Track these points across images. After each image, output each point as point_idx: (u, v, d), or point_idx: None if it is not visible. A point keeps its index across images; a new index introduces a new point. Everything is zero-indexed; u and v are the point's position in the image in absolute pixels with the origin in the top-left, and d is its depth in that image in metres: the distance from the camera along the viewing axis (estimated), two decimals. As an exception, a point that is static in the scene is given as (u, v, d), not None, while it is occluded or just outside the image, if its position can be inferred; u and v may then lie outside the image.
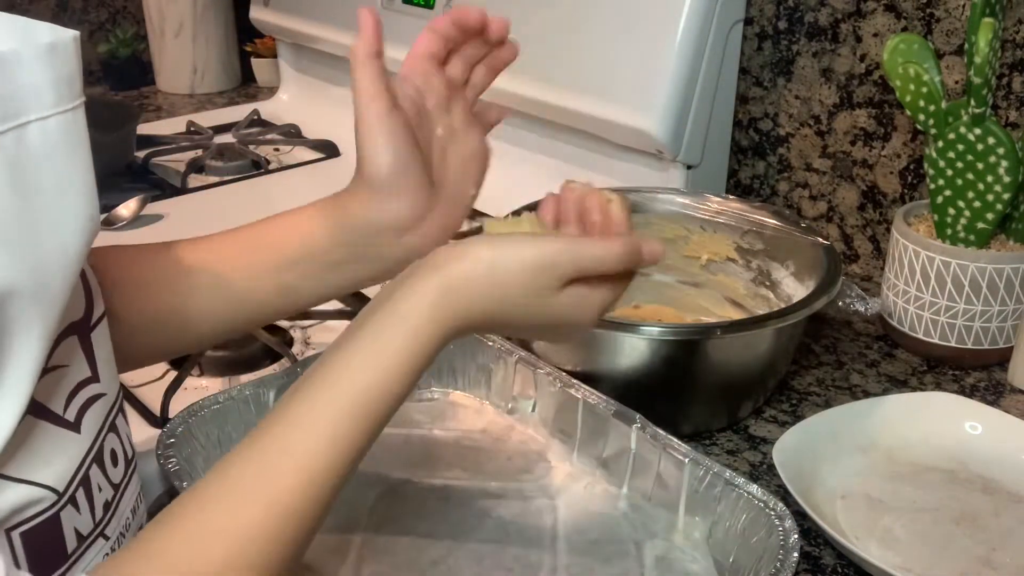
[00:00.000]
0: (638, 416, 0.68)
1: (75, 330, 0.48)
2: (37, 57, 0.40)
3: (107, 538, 0.49)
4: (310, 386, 0.48)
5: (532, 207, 0.65)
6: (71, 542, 0.46)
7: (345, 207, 0.60)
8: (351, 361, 0.48)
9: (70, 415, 0.46)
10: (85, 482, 0.47)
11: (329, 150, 1.40)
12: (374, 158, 0.58)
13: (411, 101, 0.60)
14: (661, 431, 0.67)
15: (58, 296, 0.41)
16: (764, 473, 0.73)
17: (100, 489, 0.48)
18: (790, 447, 0.70)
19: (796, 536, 0.58)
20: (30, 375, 0.40)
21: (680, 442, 0.66)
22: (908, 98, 0.83)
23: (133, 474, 0.53)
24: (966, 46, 0.78)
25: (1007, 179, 0.80)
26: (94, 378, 0.49)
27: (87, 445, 0.47)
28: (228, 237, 0.63)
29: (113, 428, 0.51)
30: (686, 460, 0.65)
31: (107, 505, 0.49)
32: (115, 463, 0.51)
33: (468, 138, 0.63)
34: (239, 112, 1.56)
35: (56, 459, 0.45)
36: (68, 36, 0.42)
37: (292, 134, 1.46)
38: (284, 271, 0.61)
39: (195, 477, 0.64)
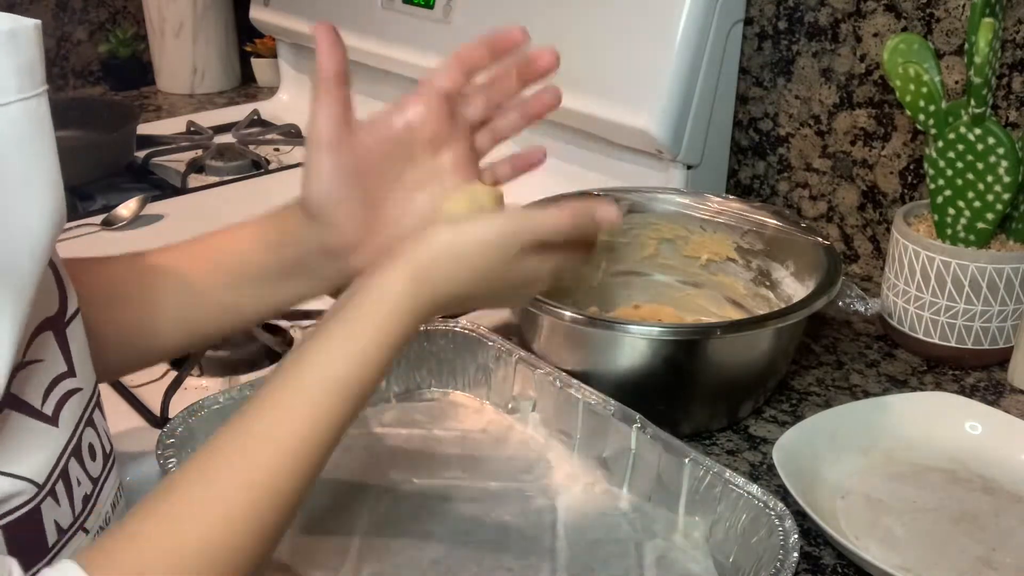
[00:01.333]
0: (638, 416, 0.68)
1: (50, 325, 0.48)
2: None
3: (87, 531, 0.50)
4: (287, 374, 0.49)
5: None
6: (51, 535, 0.47)
7: (283, 224, 0.62)
8: (328, 349, 0.50)
9: (47, 409, 0.47)
10: (64, 475, 0.48)
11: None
12: (310, 185, 0.59)
13: (379, 137, 0.60)
14: (661, 431, 0.67)
15: (27, 282, 0.42)
16: (764, 473, 0.73)
17: (79, 483, 0.49)
18: (790, 447, 0.70)
19: (796, 536, 0.58)
20: (2, 360, 0.40)
21: (680, 442, 0.66)
22: (908, 98, 0.83)
23: (112, 468, 0.54)
24: (966, 46, 0.78)
25: (1007, 179, 0.80)
26: (70, 372, 0.50)
27: (65, 438, 0.48)
28: (184, 249, 0.63)
29: (91, 422, 0.51)
30: (686, 460, 0.65)
31: (86, 498, 0.50)
32: (93, 457, 0.51)
33: (451, 182, 0.61)
34: (239, 112, 1.56)
35: (35, 452, 0.45)
36: (29, 24, 0.42)
37: (292, 134, 1.46)
38: (225, 289, 0.62)
39: (195, 477, 0.64)
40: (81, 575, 0.41)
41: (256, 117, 1.53)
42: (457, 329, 0.80)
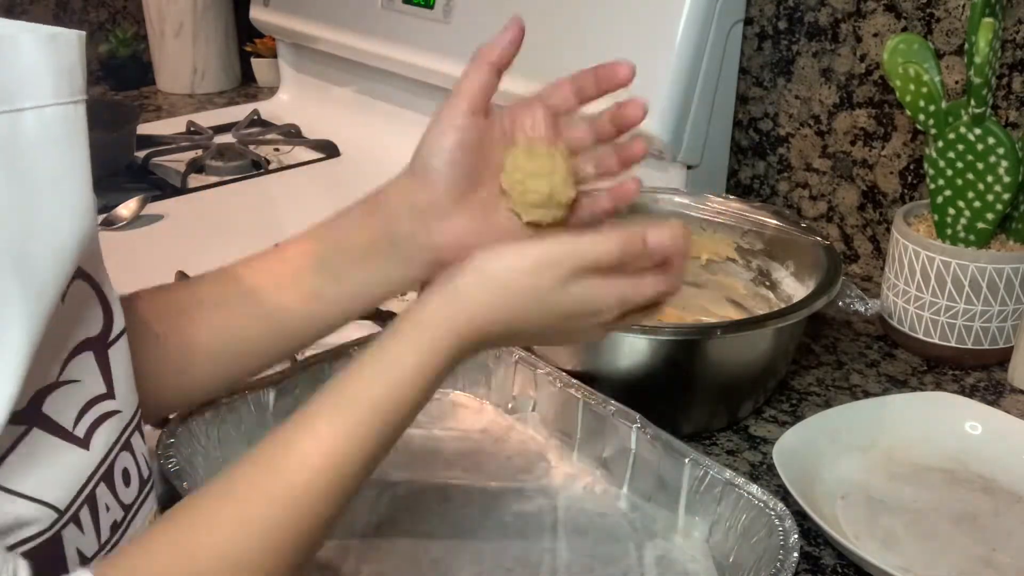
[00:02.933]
0: (638, 416, 0.68)
1: (90, 346, 0.47)
2: (37, 44, 0.40)
3: None
4: (324, 395, 0.48)
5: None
6: (73, 564, 0.45)
7: (382, 192, 0.60)
8: (363, 372, 0.49)
9: (79, 431, 0.46)
10: (91, 501, 0.46)
11: (329, 150, 1.40)
12: (436, 130, 0.59)
13: (500, 129, 0.60)
14: (661, 431, 0.67)
15: (48, 286, 0.41)
16: (764, 473, 0.73)
17: (108, 509, 0.47)
18: (790, 447, 0.70)
19: (796, 536, 0.58)
20: (12, 366, 0.39)
21: (680, 442, 0.66)
22: (908, 98, 0.83)
23: (149, 495, 0.52)
24: (966, 46, 0.78)
25: (1007, 179, 0.80)
26: (109, 394, 0.48)
27: (95, 462, 0.46)
28: (289, 247, 0.62)
29: (127, 447, 0.50)
30: (686, 460, 0.65)
31: (115, 526, 0.48)
32: (127, 483, 0.49)
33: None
34: (239, 112, 1.56)
35: (59, 476, 0.44)
36: (72, 32, 0.42)
37: (292, 134, 1.46)
38: (311, 273, 0.60)
39: (195, 477, 0.64)
40: None
41: (256, 117, 1.53)
42: (457, 329, 0.80)
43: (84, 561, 0.45)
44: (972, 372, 0.86)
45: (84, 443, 0.46)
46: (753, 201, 0.92)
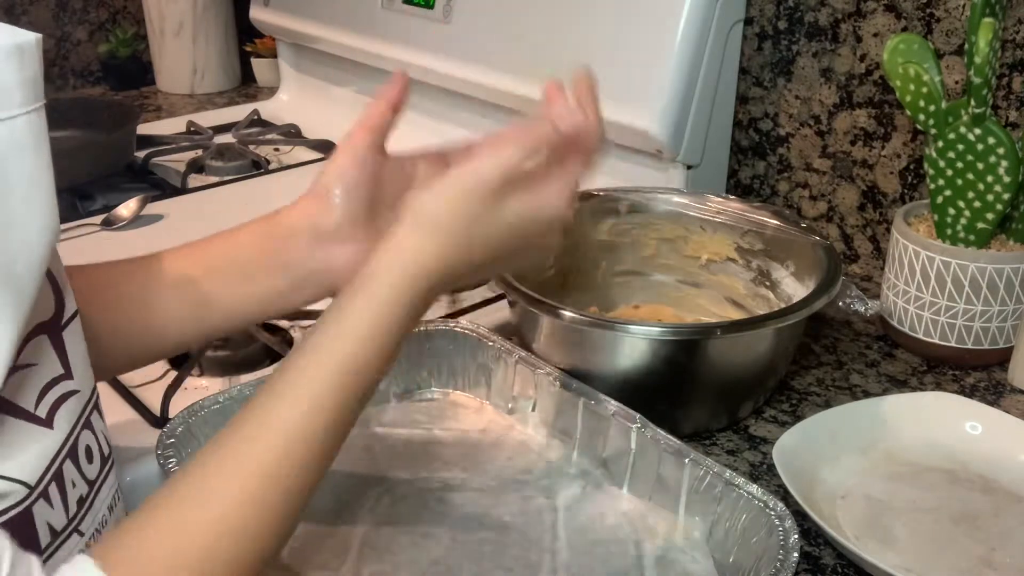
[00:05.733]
0: (638, 416, 0.68)
1: (44, 329, 0.49)
2: (6, 58, 0.41)
3: (82, 534, 0.50)
4: (291, 360, 0.50)
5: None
6: (44, 537, 0.47)
7: (281, 213, 0.64)
8: (327, 331, 0.50)
9: (41, 411, 0.47)
10: (58, 477, 0.48)
11: (329, 150, 1.38)
12: (339, 157, 0.63)
13: (403, 171, 0.64)
14: (661, 431, 0.67)
15: (25, 292, 0.42)
16: (764, 473, 0.73)
17: (74, 485, 0.49)
18: (790, 447, 0.70)
19: (796, 536, 0.58)
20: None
21: (680, 442, 0.66)
22: (908, 98, 0.83)
23: (110, 471, 0.54)
24: (966, 46, 0.78)
25: (1007, 179, 0.80)
26: (67, 375, 0.50)
27: (60, 440, 0.48)
28: (184, 250, 0.64)
29: (88, 425, 0.51)
30: (686, 460, 0.65)
31: (81, 501, 0.50)
32: (90, 459, 0.51)
33: None
34: (239, 112, 1.56)
35: (26, 454, 0.46)
36: (32, 38, 0.43)
37: (292, 134, 1.46)
38: (220, 287, 0.62)
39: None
40: (93, 569, 0.41)
41: (256, 117, 1.53)
42: (457, 329, 0.80)
43: (54, 535, 0.47)
44: (972, 372, 0.86)
45: (47, 423, 0.47)
46: (753, 201, 0.92)
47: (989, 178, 0.81)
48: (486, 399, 0.80)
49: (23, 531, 0.45)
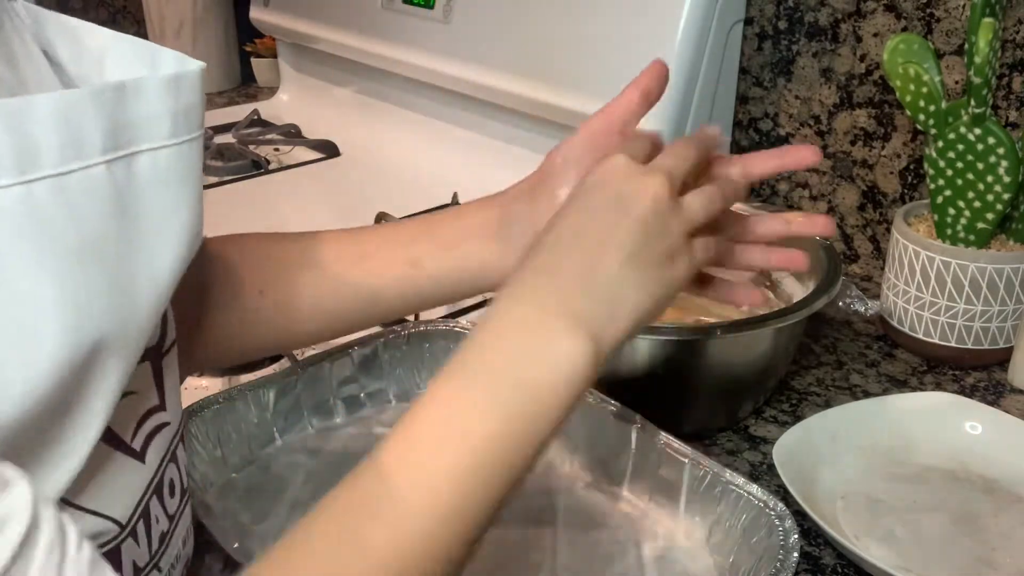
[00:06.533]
0: (638, 416, 0.68)
1: (149, 356, 0.46)
2: (158, 88, 0.39)
3: (160, 570, 0.48)
4: (421, 423, 0.43)
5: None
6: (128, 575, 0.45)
7: (509, 188, 0.61)
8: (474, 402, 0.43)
9: (136, 444, 0.45)
10: (145, 514, 0.45)
11: (329, 150, 1.40)
12: (566, 146, 0.60)
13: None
14: (661, 431, 0.67)
15: (144, 325, 0.40)
16: (764, 473, 0.73)
17: (157, 520, 0.47)
18: (790, 447, 0.70)
19: (796, 536, 0.58)
20: (104, 412, 0.38)
21: (680, 442, 0.66)
22: (908, 98, 0.83)
23: (187, 504, 0.52)
24: (966, 46, 0.78)
25: (1007, 179, 0.80)
26: (161, 406, 0.47)
27: (149, 476, 0.46)
28: (336, 235, 0.63)
29: (174, 458, 0.49)
30: (686, 460, 0.65)
31: (163, 536, 0.48)
32: (172, 493, 0.49)
33: None
34: (239, 112, 1.56)
35: (122, 490, 0.43)
36: (194, 68, 0.41)
37: (292, 134, 1.46)
38: (415, 241, 0.61)
39: (194, 477, 0.64)
40: None
41: (256, 117, 1.53)
42: (457, 329, 0.80)
43: (136, 572, 0.45)
44: (972, 372, 0.86)
45: (140, 456, 0.45)
46: (753, 201, 0.92)
47: (989, 178, 0.81)
48: (486, 399, 0.80)
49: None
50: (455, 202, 1.12)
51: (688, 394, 0.76)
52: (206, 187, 1.28)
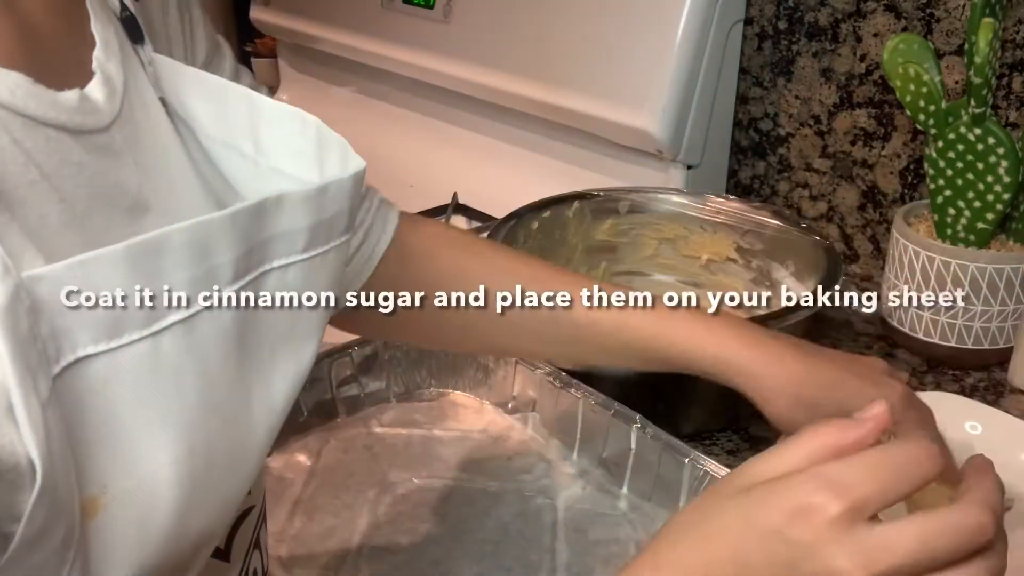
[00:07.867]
0: (638, 416, 0.68)
1: None
2: (302, 202, 0.33)
3: None
4: None
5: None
6: None
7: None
8: None
9: (221, 541, 0.40)
10: None
11: (329, 150, 1.40)
12: (784, 407, 0.56)
13: None
14: (661, 431, 0.67)
15: (257, 466, 0.36)
16: (764, 473, 0.73)
17: None
18: (790, 447, 0.69)
19: (796, 536, 0.58)
20: (215, 544, 0.36)
21: (680, 442, 0.66)
22: (908, 98, 0.83)
23: None
24: (966, 46, 0.78)
25: (1007, 179, 0.80)
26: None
27: (234, 574, 0.41)
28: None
29: (257, 545, 0.45)
30: (686, 460, 0.65)
31: None
32: None
33: None
34: (239, 112, 1.56)
35: None
36: (347, 174, 0.36)
37: (292, 134, 1.46)
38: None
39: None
40: None
41: (256, 117, 1.53)
42: (457, 329, 0.80)
43: None
44: (972, 372, 0.86)
45: (226, 555, 0.40)
46: (753, 201, 0.92)
47: (989, 178, 0.81)
48: (486, 399, 0.80)
49: None
50: (455, 202, 1.12)
51: (688, 394, 0.76)
52: (206, 187, 1.28)
